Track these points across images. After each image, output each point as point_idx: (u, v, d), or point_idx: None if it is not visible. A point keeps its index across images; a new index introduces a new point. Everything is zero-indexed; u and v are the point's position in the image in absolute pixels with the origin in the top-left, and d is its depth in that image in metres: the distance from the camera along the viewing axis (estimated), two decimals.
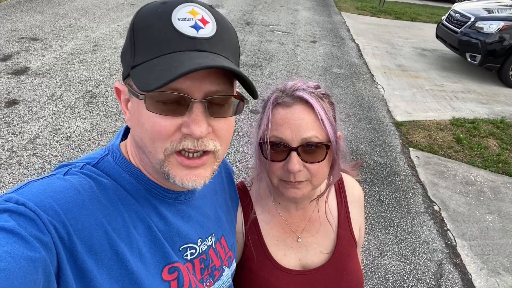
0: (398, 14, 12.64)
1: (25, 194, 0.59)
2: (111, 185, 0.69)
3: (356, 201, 1.17)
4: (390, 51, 8.51)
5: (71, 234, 0.59)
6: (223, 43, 0.66)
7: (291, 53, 7.45)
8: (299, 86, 0.96)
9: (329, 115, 0.94)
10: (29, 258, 0.51)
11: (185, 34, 0.62)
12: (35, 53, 5.87)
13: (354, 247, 1.12)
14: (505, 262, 3.10)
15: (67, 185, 0.63)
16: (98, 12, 8.59)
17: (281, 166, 0.93)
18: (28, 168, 3.40)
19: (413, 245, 3.17)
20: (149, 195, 0.73)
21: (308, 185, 0.95)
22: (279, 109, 0.93)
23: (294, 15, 10.94)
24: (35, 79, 5.06)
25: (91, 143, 3.88)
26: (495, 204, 3.80)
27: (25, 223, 0.54)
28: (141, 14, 0.66)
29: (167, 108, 0.62)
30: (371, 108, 5.57)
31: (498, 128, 5.30)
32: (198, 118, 0.62)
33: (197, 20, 0.63)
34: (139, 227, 0.69)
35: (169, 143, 0.64)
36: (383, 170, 4.14)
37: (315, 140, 0.90)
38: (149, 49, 0.62)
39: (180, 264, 0.75)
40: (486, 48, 6.60)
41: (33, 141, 3.79)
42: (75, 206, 0.61)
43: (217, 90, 0.64)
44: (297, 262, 1.07)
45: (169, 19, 0.62)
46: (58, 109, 4.43)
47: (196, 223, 0.81)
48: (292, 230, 1.09)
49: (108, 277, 0.62)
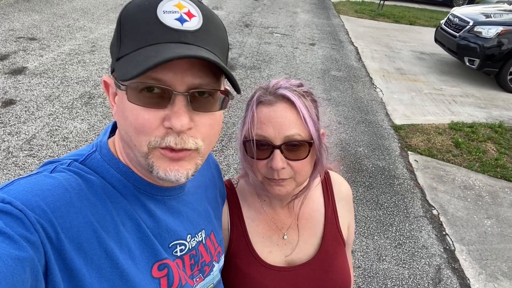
0: (397, 17, 12.67)
1: (11, 193, 0.57)
2: (99, 182, 0.68)
3: (344, 198, 1.17)
4: (389, 55, 8.52)
5: (59, 233, 0.58)
6: (209, 37, 0.65)
7: (290, 56, 7.44)
8: (282, 84, 0.96)
9: (312, 113, 0.94)
10: (17, 257, 0.50)
11: (169, 26, 0.61)
12: (33, 53, 5.83)
13: (342, 245, 1.12)
14: (503, 267, 3.09)
15: (54, 183, 0.62)
16: (97, 12, 8.57)
17: (265, 164, 0.94)
18: (25, 169, 3.37)
19: (412, 250, 3.16)
20: (138, 192, 0.72)
21: (292, 182, 0.96)
22: (262, 108, 0.94)
23: (293, 17, 10.94)
24: (33, 79, 5.03)
25: (88, 144, 3.84)
26: (493, 208, 3.79)
27: (12, 222, 0.53)
28: (128, 7, 0.66)
29: (150, 101, 0.62)
30: (370, 111, 5.56)
31: (496, 132, 5.30)
32: (179, 111, 0.62)
33: (182, 13, 0.63)
34: (127, 225, 0.69)
35: (152, 137, 0.63)
36: (382, 173, 4.13)
37: (298, 138, 0.91)
38: (133, 40, 0.62)
39: (170, 260, 0.75)
40: (484, 52, 6.62)
41: (29, 142, 3.76)
42: (63, 204, 0.60)
43: (201, 83, 0.63)
44: (283, 259, 1.07)
45: (154, 11, 0.62)
46: (56, 109, 4.40)
47: (185, 219, 0.81)
48: (278, 227, 1.09)
49: (98, 275, 0.62)
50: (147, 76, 0.60)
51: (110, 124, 0.80)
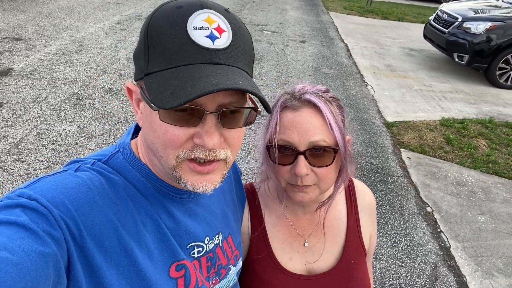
0: (385, 14, 12.72)
1: (37, 190, 0.59)
2: (121, 182, 0.70)
3: (367, 208, 1.15)
4: (379, 51, 8.54)
5: (82, 230, 0.59)
6: (238, 53, 0.65)
7: (281, 53, 7.41)
8: (308, 89, 0.95)
9: (338, 119, 0.93)
10: (41, 253, 0.52)
11: (200, 45, 0.61)
12: (19, 54, 5.69)
13: (363, 256, 1.10)
14: (498, 264, 3.11)
15: (78, 181, 0.64)
16: (83, 11, 8.41)
17: (289, 170, 0.93)
18: (13, 174, 3.28)
19: (408, 248, 3.16)
20: (158, 193, 0.74)
21: (316, 189, 0.95)
22: (287, 113, 0.93)
23: (283, 14, 10.90)
24: (19, 80, 4.91)
25: (78, 147, 3.76)
26: (486, 204, 3.82)
27: (37, 218, 0.55)
28: (156, 18, 0.64)
29: (181, 118, 0.63)
30: (362, 109, 5.57)
31: (487, 128, 5.35)
32: (211, 130, 0.63)
33: (212, 29, 0.62)
34: (148, 225, 0.70)
35: (181, 150, 0.65)
36: (376, 171, 4.13)
37: (323, 144, 0.90)
38: (163, 58, 0.62)
39: (187, 261, 0.76)
40: (473, 48, 6.67)
41: (17, 146, 3.66)
42: (86, 203, 0.62)
43: (230, 102, 0.64)
44: (303, 266, 1.05)
45: (184, 27, 0.61)
46: (43, 112, 4.29)
47: (203, 221, 0.82)
48: (299, 234, 1.08)
49: (117, 273, 0.63)
50: None
51: (132, 126, 0.81)
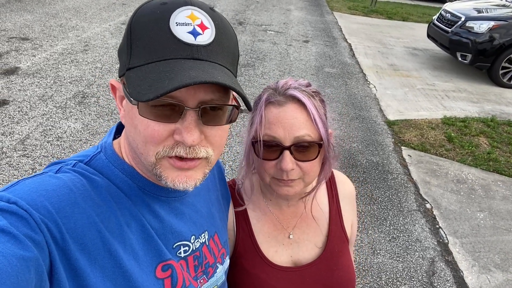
0: (390, 14, 12.71)
1: (17, 193, 0.58)
2: (104, 183, 0.68)
3: (348, 197, 1.17)
4: (382, 51, 8.55)
5: (64, 233, 0.58)
6: (221, 50, 0.65)
7: (284, 53, 7.45)
8: (291, 84, 0.96)
9: (321, 113, 0.94)
10: (22, 257, 0.50)
11: (182, 41, 0.60)
12: (25, 53, 5.80)
13: (346, 243, 1.12)
14: (495, 259, 3.13)
15: (59, 183, 0.62)
16: (90, 11, 8.53)
17: (274, 165, 0.93)
18: (19, 169, 3.36)
19: (406, 243, 3.19)
20: (143, 192, 0.72)
21: (301, 183, 0.96)
22: (271, 108, 0.93)
23: (287, 14, 10.95)
24: (25, 79, 5.01)
25: (82, 144, 3.84)
26: (486, 202, 3.83)
27: (17, 222, 0.54)
28: (140, 13, 0.64)
29: (161, 114, 0.62)
30: (364, 107, 5.59)
31: (489, 126, 5.35)
32: (190, 126, 0.62)
33: (195, 25, 0.62)
34: (132, 225, 0.69)
35: (161, 147, 0.64)
36: (376, 169, 4.16)
37: (308, 139, 0.91)
38: (145, 53, 0.61)
39: (174, 261, 0.75)
40: (476, 47, 6.66)
41: (23, 142, 3.75)
42: (68, 205, 0.60)
43: (212, 98, 0.63)
44: (289, 258, 1.07)
45: (167, 22, 0.61)
46: (49, 109, 4.38)
47: (189, 220, 0.81)
48: (284, 227, 1.09)
49: (101, 275, 0.62)
50: None
51: (114, 125, 0.80)
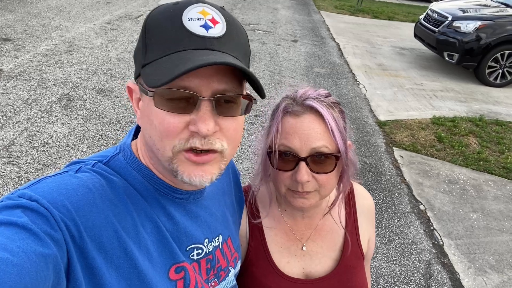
0: (376, 13, 12.79)
1: (38, 191, 0.59)
2: (121, 183, 0.70)
3: (366, 212, 1.14)
4: (370, 50, 8.59)
5: (82, 232, 0.59)
6: (233, 43, 0.66)
7: (273, 53, 7.41)
8: (310, 94, 0.94)
9: (339, 125, 0.92)
10: (41, 254, 0.51)
11: (195, 33, 0.63)
12: (7, 55, 5.61)
13: (361, 260, 1.10)
14: (490, 260, 3.15)
15: (79, 182, 0.64)
16: (73, 10, 8.32)
17: (289, 176, 0.91)
18: (4, 177, 3.23)
19: (402, 246, 3.19)
20: (159, 194, 0.73)
21: (316, 195, 0.94)
22: (288, 118, 0.91)
23: (274, 13, 10.91)
24: (8, 82, 4.84)
25: (70, 149, 3.72)
26: (478, 202, 3.86)
27: (38, 219, 0.55)
28: (153, 14, 0.67)
29: (176, 106, 0.63)
30: (354, 108, 5.59)
31: (477, 126, 5.41)
32: (205, 116, 0.63)
33: (207, 20, 0.64)
34: (147, 226, 0.70)
35: (177, 140, 0.64)
36: (369, 170, 4.15)
37: (325, 151, 0.89)
38: (159, 48, 0.63)
39: (187, 263, 0.76)
40: (463, 47, 6.74)
41: (8, 148, 3.61)
42: (86, 204, 0.62)
43: (225, 89, 0.65)
44: (301, 270, 1.05)
45: (179, 18, 0.63)
46: (34, 113, 4.24)
47: (203, 223, 0.82)
48: (297, 238, 1.07)
49: (116, 274, 0.63)
50: (175, 84, 0.61)
51: (133, 127, 0.81)
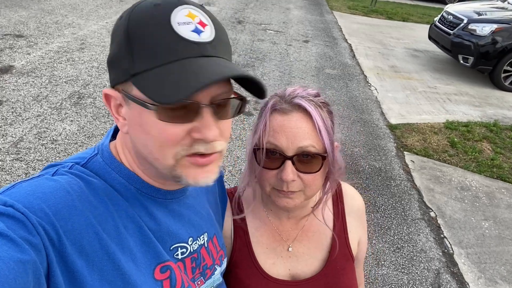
0: (390, 14, 12.63)
1: (13, 196, 0.58)
2: (100, 185, 0.68)
3: (355, 212, 1.12)
4: (383, 52, 8.47)
5: (61, 235, 0.58)
6: (222, 45, 0.67)
7: (284, 53, 7.35)
8: (298, 93, 0.93)
9: (327, 125, 0.90)
10: (19, 260, 0.50)
11: (189, 40, 0.61)
12: (20, 51, 5.66)
13: (351, 261, 1.07)
14: (502, 271, 3.06)
15: (56, 185, 0.62)
16: (86, 8, 8.38)
17: (275, 174, 0.90)
18: (11, 173, 3.25)
19: (410, 254, 3.11)
20: (140, 194, 0.72)
21: (301, 195, 0.92)
22: (276, 116, 0.90)
23: (286, 13, 10.84)
24: (19, 78, 4.87)
25: (78, 147, 3.73)
26: (490, 210, 3.76)
27: (14, 225, 0.54)
28: (135, 17, 0.63)
29: (176, 115, 0.62)
30: (365, 110, 5.51)
31: (492, 131, 5.28)
32: (209, 123, 0.63)
33: (196, 23, 0.63)
34: (129, 227, 0.69)
35: (179, 147, 0.64)
36: (379, 175, 4.08)
37: (312, 150, 0.88)
38: (152, 56, 0.60)
39: (172, 263, 0.75)
40: (478, 50, 6.59)
41: (16, 145, 3.62)
42: (65, 207, 0.60)
43: (222, 92, 0.65)
44: (287, 272, 1.03)
45: (168, 23, 0.60)
46: (44, 110, 4.26)
47: (187, 222, 0.81)
48: (283, 238, 1.05)
49: (99, 278, 0.62)
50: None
51: (111, 128, 0.79)
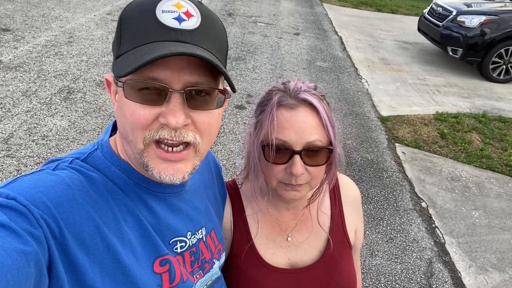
0: (379, 6, 12.67)
1: (15, 189, 0.59)
2: (100, 179, 0.69)
3: (352, 201, 1.16)
4: (373, 44, 8.51)
5: (62, 228, 0.59)
6: (207, 37, 0.66)
7: (275, 46, 7.34)
8: (301, 86, 0.95)
9: (330, 117, 0.93)
10: (22, 251, 0.51)
11: (167, 25, 0.63)
12: (7, 45, 5.55)
13: (348, 249, 1.10)
14: (492, 259, 3.13)
15: (57, 179, 0.63)
16: (73, 1, 8.22)
17: (283, 169, 0.92)
18: (3, 170, 3.20)
19: (403, 244, 3.17)
20: (139, 189, 0.73)
21: (307, 187, 0.95)
22: (283, 111, 0.91)
23: (276, 6, 10.79)
24: (7, 73, 4.79)
25: (69, 142, 3.69)
26: (480, 200, 3.84)
27: (16, 217, 0.54)
28: (129, 7, 0.67)
29: (146, 97, 0.63)
30: (357, 103, 5.54)
31: (480, 122, 5.37)
32: (175, 109, 0.63)
33: (181, 12, 0.64)
34: (129, 221, 0.70)
35: (147, 132, 0.64)
36: (371, 166, 4.12)
37: (319, 144, 0.90)
38: (132, 39, 0.64)
39: (171, 256, 0.76)
40: (467, 42, 6.67)
41: (7, 141, 3.57)
42: (66, 201, 0.61)
43: (197, 81, 0.64)
44: (286, 261, 1.06)
45: (153, 11, 0.63)
46: (33, 105, 4.20)
47: (185, 216, 0.82)
48: (282, 229, 1.08)
49: (100, 270, 0.63)
50: (144, 75, 0.61)
51: (111, 123, 0.80)
